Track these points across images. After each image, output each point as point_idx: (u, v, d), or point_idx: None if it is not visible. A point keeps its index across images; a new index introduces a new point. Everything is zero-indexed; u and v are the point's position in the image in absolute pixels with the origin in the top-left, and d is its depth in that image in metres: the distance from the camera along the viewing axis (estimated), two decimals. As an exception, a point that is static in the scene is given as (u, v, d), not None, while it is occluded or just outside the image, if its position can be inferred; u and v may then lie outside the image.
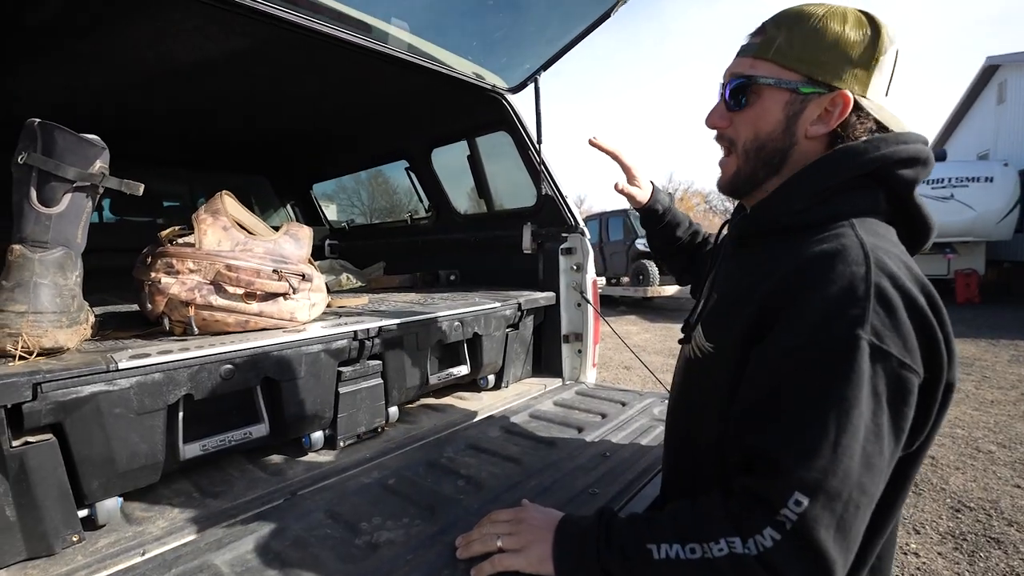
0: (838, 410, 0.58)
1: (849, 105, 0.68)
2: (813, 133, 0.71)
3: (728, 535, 0.60)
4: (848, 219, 0.68)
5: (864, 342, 0.58)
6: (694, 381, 0.81)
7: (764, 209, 0.76)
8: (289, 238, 1.31)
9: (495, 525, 0.84)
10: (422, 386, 1.64)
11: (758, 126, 0.73)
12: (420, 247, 2.90)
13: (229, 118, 2.49)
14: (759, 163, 0.75)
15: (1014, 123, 12.34)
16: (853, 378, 0.57)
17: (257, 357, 1.17)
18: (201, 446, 1.14)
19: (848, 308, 0.59)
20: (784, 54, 0.70)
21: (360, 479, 1.22)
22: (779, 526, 0.57)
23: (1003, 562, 2.42)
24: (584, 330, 2.07)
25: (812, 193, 0.70)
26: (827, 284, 0.61)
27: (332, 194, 3.98)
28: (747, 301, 0.69)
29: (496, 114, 2.14)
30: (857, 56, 0.68)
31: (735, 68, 0.75)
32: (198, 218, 1.20)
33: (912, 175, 0.69)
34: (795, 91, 0.70)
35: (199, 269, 1.15)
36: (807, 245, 0.67)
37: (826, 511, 0.56)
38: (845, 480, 0.57)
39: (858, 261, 0.61)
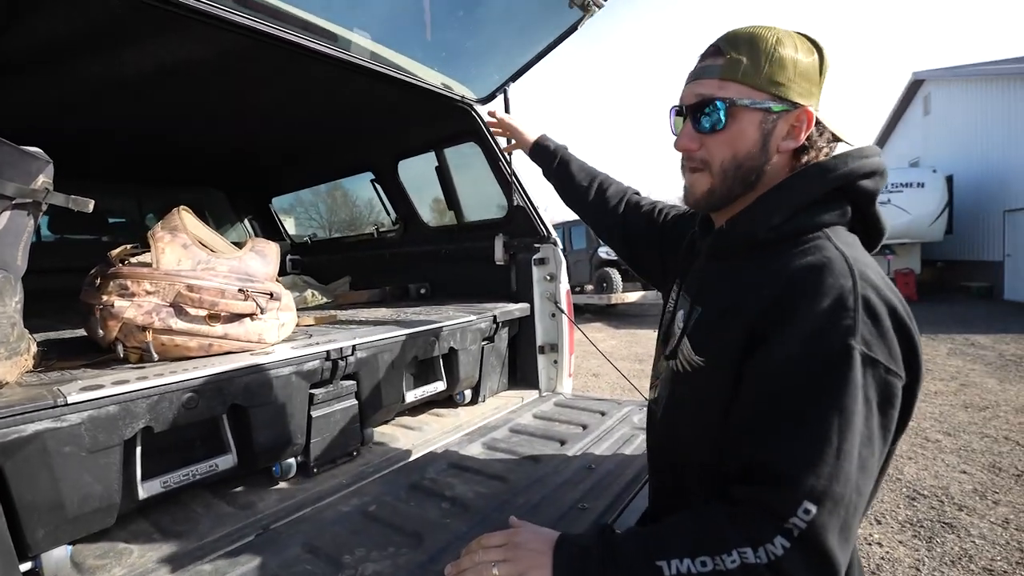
0: (839, 419, 0.59)
1: (812, 120, 0.73)
2: (783, 148, 0.75)
3: (739, 545, 0.60)
4: (821, 230, 0.72)
5: (856, 351, 0.60)
6: (684, 395, 0.81)
7: (741, 223, 0.77)
8: (255, 255, 1.24)
9: (487, 551, 0.78)
10: (398, 405, 1.58)
11: (736, 146, 0.75)
12: (388, 260, 2.83)
13: (182, 130, 2.37)
14: (736, 181, 0.77)
15: (939, 133, 13.36)
16: (849, 387, 0.60)
17: (223, 383, 1.09)
18: (162, 482, 1.05)
19: (839, 319, 0.61)
20: (752, 76, 0.72)
21: (338, 507, 1.15)
22: (788, 534, 0.58)
23: (957, 545, 2.55)
24: (559, 340, 2.06)
25: (789, 208, 0.73)
26: (818, 297, 0.63)
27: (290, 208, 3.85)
28: (737, 315, 0.71)
29: (465, 125, 2.12)
30: (811, 75, 0.73)
31: (701, 90, 0.76)
32: (155, 236, 1.12)
33: (874, 186, 0.74)
34: (768, 110, 0.73)
35: (157, 290, 1.07)
36: (790, 258, 0.70)
37: (833, 516, 0.58)
38: (847, 485, 0.59)
39: (844, 274, 0.64)
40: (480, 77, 1.95)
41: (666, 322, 0.94)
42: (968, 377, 5.26)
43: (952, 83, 12.82)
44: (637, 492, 1.19)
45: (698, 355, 0.77)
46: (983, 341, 6.80)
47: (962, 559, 2.45)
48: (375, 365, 1.45)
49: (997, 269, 10.89)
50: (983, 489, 3.06)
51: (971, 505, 2.90)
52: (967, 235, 11.82)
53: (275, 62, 1.68)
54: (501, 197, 2.19)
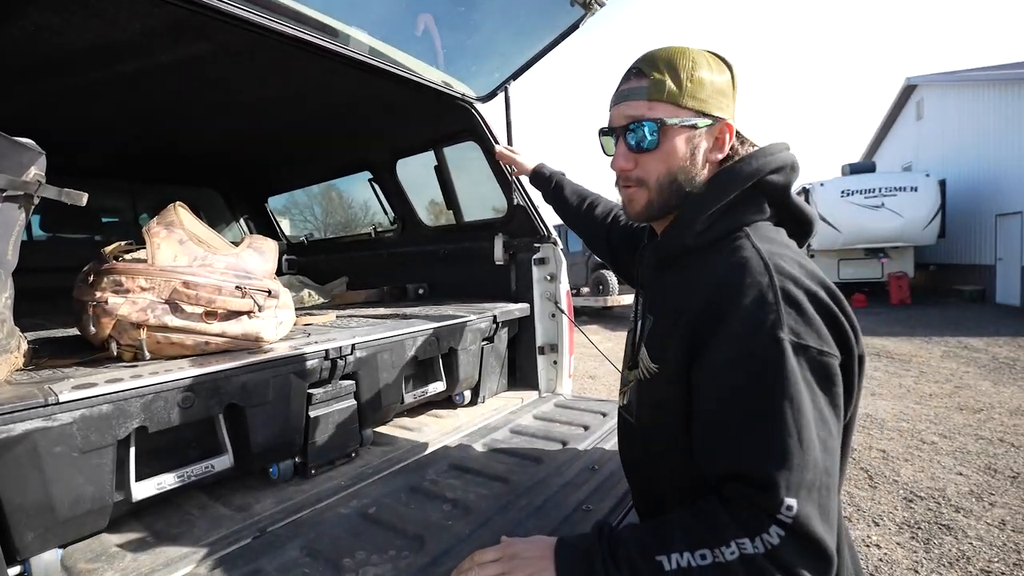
0: (790, 409, 0.62)
1: (733, 132, 0.79)
2: (711, 159, 0.81)
3: (738, 537, 0.62)
4: (742, 229, 0.76)
5: (786, 341, 0.64)
6: (649, 401, 0.83)
7: (670, 235, 0.82)
8: (253, 252, 1.22)
9: (484, 567, 0.75)
10: (397, 405, 1.56)
11: (669, 162, 0.79)
12: (385, 260, 2.81)
13: (177, 127, 2.33)
14: (671, 193, 0.81)
15: (932, 137, 13.49)
16: (790, 376, 0.63)
17: (219, 382, 1.07)
18: (156, 484, 1.02)
19: (764, 315, 0.65)
20: (676, 95, 0.77)
21: (337, 509, 1.13)
22: (781, 524, 0.61)
23: (955, 547, 2.55)
24: (559, 341, 2.04)
25: (708, 213, 0.77)
26: (741, 297, 0.67)
27: (286, 208, 3.81)
28: (678, 323, 0.74)
29: (465, 123, 2.10)
30: (726, 91, 0.79)
31: (631, 112, 0.80)
32: (150, 231, 1.09)
33: (783, 179, 0.78)
34: (694, 127, 0.78)
35: (152, 287, 1.04)
36: (715, 263, 0.74)
37: (810, 504, 0.61)
38: (816, 470, 0.62)
39: (760, 271, 0.68)
40: (480, 75, 1.93)
41: (631, 332, 0.98)
42: (962, 380, 5.29)
43: (945, 88, 12.94)
44: (641, 493, 1.17)
45: (654, 363, 0.81)
46: (976, 344, 6.84)
47: (960, 560, 2.45)
48: (374, 365, 1.42)
49: (989, 273, 10.99)
50: (979, 491, 3.07)
51: (968, 507, 2.91)
52: (960, 239, 11.92)
53: (273, 57, 1.65)
54: (500, 197, 2.18)
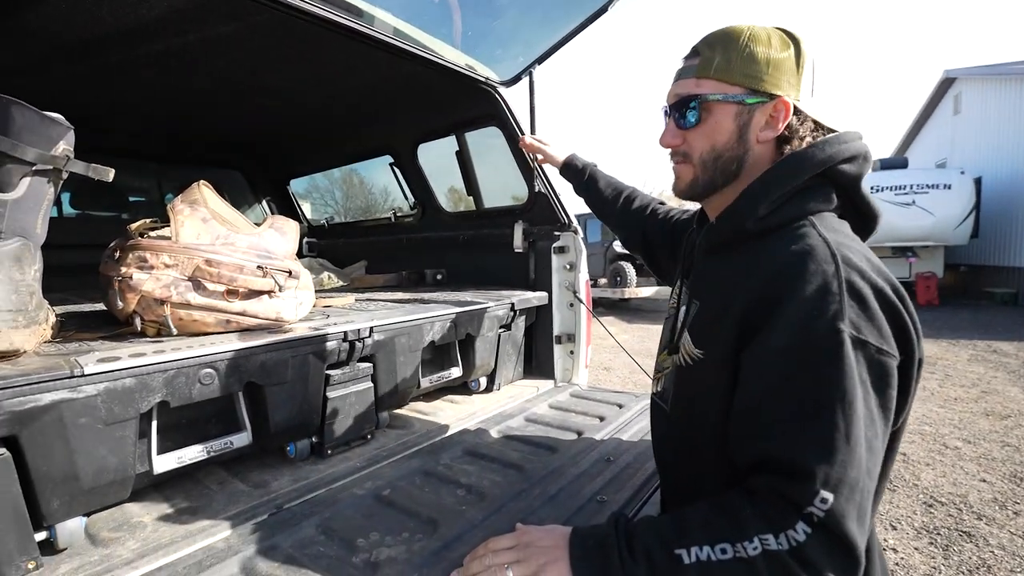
0: (841, 404, 0.60)
1: (790, 109, 0.75)
2: (763, 138, 0.77)
3: (761, 532, 0.60)
4: (807, 218, 0.73)
5: (846, 334, 0.61)
6: (689, 388, 0.82)
7: (729, 217, 0.79)
8: (274, 232, 1.22)
9: (498, 554, 0.75)
10: (413, 389, 1.56)
11: (713, 139, 0.78)
12: (404, 245, 2.81)
13: (203, 109, 2.35)
14: (717, 171, 0.80)
15: (969, 133, 12.96)
16: (845, 370, 0.61)
17: (240, 360, 1.07)
18: (177, 458, 1.04)
19: (826, 305, 0.63)
20: (725, 71, 0.76)
21: (352, 490, 1.14)
22: (809, 520, 0.59)
23: (975, 555, 2.49)
24: (576, 331, 2.02)
25: (773, 198, 0.74)
26: (803, 284, 0.64)
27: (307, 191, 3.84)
28: (730, 308, 0.72)
29: (488, 108, 2.08)
30: (787, 66, 0.75)
31: (679, 90, 0.80)
32: (174, 209, 1.10)
33: (855, 170, 0.75)
34: (742, 103, 0.76)
35: (176, 264, 1.05)
36: (776, 248, 0.71)
37: (849, 503, 0.59)
38: (859, 469, 0.60)
39: (827, 259, 0.66)
40: (504, 59, 1.90)
41: (671, 318, 0.96)
42: (990, 384, 5.13)
43: (985, 82, 12.39)
44: (658, 486, 1.15)
45: (697, 348, 0.79)
46: (1006, 348, 6.62)
47: (980, 569, 2.39)
48: (392, 348, 1.43)
49: (1022, 276, 10.59)
50: (1003, 499, 2.98)
51: (990, 515, 2.83)
52: (993, 240, 11.49)
53: (299, 38, 1.65)
54: (521, 183, 2.15)
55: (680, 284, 0.96)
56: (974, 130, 12.75)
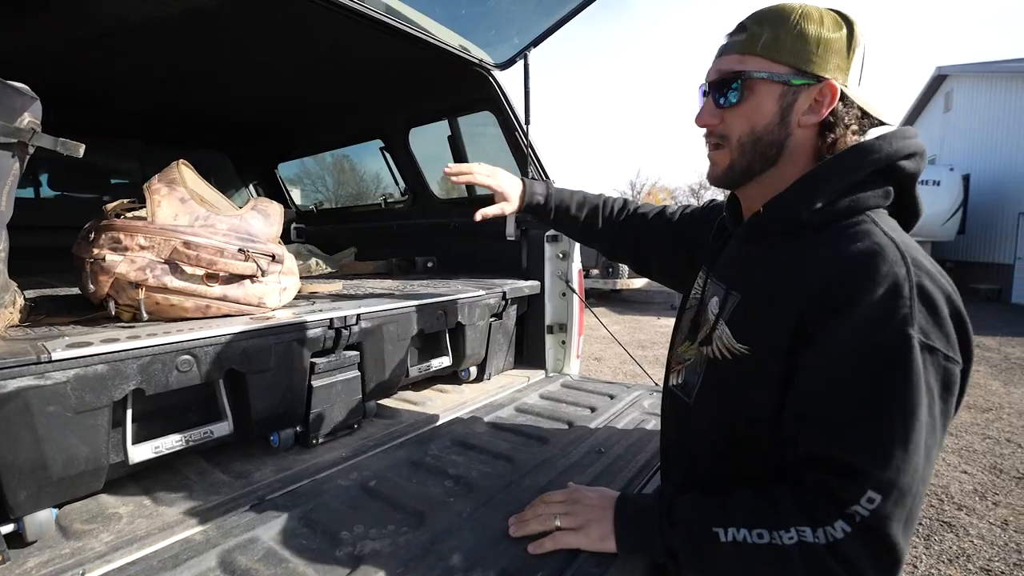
0: (903, 410, 0.59)
1: (837, 94, 0.71)
2: (805, 123, 0.73)
3: (799, 524, 0.61)
4: (864, 213, 0.70)
5: (915, 340, 0.59)
6: (725, 383, 0.79)
7: (781, 206, 0.74)
8: (257, 214, 1.17)
9: (549, 505, 0.85)
10: (402, 379, 1.53)
11: (753, 120, 0.74)
12: (395, 232, 2.76)
13: (188, 87, 2.27)
14: (755, 155, 0.75)
15: (959, 130, 13.06)
16: (912, 377, 0.59)
17: (219, 347, 1.03)
18: (153, 448, 1.00)
19: (896, 308, 0.61)
20: (772, 49, 0.71)
21: (337, 481, 1.11)
22: (850, 519, 0.59)
23: (955, 544, 2.53)
24: (568, 320, 2.00)
25: (833, 190, 0.70)
26: (872, 285, 0.62)
27: (295, 177, 3.76)
28: (783, 301, 0.69)
29: (481, 92, 2.03)
30: (837, 49, 0.71)
31: (723, 65, 0.75)
32: (151, 188, 1.05)
33: (915, 167, 0.72)
34: (787, 83, 0.71)
35: (151, 246, 1.00)
36: (838, 243, 0.68)
37: (898, 507, 0.59)
38: (914, 476, 0.59)
39: (897, 261, 0.63)
40: (499, 41, 1.85)
41: (692, 309, 0.92)
42: (972, 378, 5.19)
43: (977, 80, 12.46)
44: (649, 478, 1.14)
45: (741, 343, 0.75)
46: (989, 343, 6.73)
47: (960, 558, 2.43)
48: (379, 336, 1.39)
49: (1006, 272, 10.76)
50: (983, 490, 3.04)
51: (971, 505, 2.88)
52: (979, 236, 11.65)
53: (289, 15, 1.58)
54: (515, 170, 2.11)
55: (705, 273, 0.91)
56: (964, 127, 12.85)
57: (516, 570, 0.79)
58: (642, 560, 0.78)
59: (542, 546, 0.81)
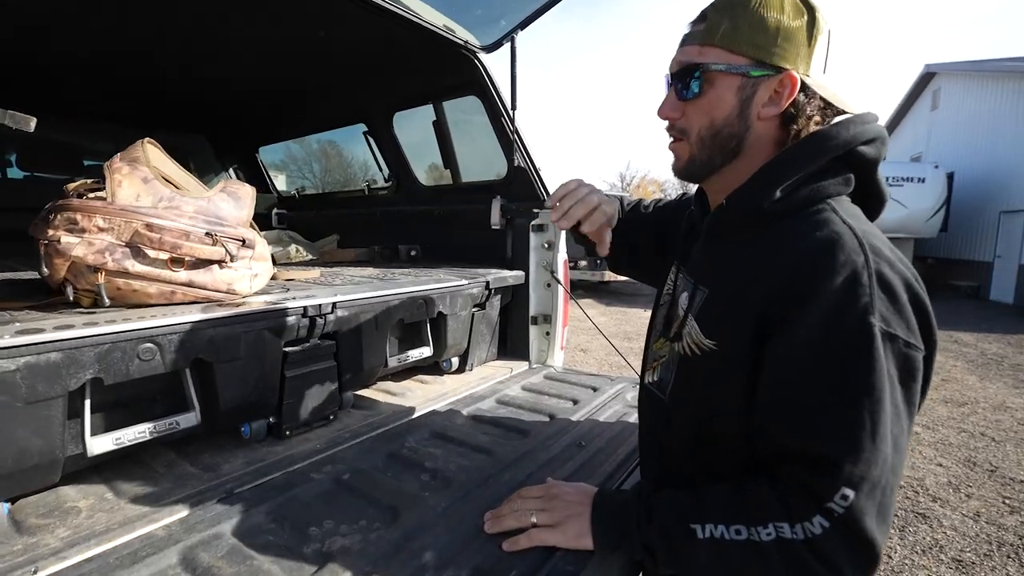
0: (869, 400, 0.59)
1: (797, 85, 0.69)
2: (766, 115, 0.71)
3: (777, 520, 0.61)
4: (825, 201, 0.69)
5: (876, 328, 0.59)
6: (695, 379, 0.77)
7: (742, 199, 0.74)
8: (227, 196, 1.12)
9: (526, 501, 0.84)
10: (380, 369, 1.49)
11: (712, 113, 0.72)
12: (378, 219, 2.70)
13: (165, 66, 2.18)
14: (715, 149, 0.74)
15: (945, 128, 13.21)
16: (875, 365, 0.59)
17: (186, 335, 0.99)
18: (114, 439, 0.96)
19: (856, 297, 0.60)
20: (730, 39, 0.69)
21: (310, 474, 1.07)
22: (828, 514, 0.59)
23: (929, 535, 2.58)
24: (553, 311, 1.97)
25: (793, 179, 0.69)
26: (832, 275, 0.61)
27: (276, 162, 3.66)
28: (746, 295, 0.69)
29: (467, 75, 1.97)
30: (798, 38, 0.69)
31: (682, 57, 0.74)
32: (111, 167, 0.99)
33: (875, 153, 0.71)
34: (746, 75, 0.70)
35: (111, 228, 0.95)
36: (797, 233, 0.67)
37: (870, 500, 0.59)
38: (884, 467, 0.59)
39: (855, 249, 0.62)
40: (485, 21, 1.79)
41: (665, 304, 0.91)
42: (950, 373, 5.31)
43: (965, 78, 12.58)
44: (630, 473, 1.12)
45: (709, 339, 0.74)
46: (967, 339, 6.87)
47: (932, 549, 2.48)
48: (357, 325, 1.35)
49: (986, 269, 10.97)
50: (957, 482, 3.10)
51: (945, 497, 2.94)
52: (961, 234, 11.84)
53: None
54: (501, 157, 2.06)
55: (676, 269, 0.90)
56: (950, 126, 12.99)
57: (490, 567, 0.77)
58: (619, 558, 0.77)
59: (517, 543, 0.80)
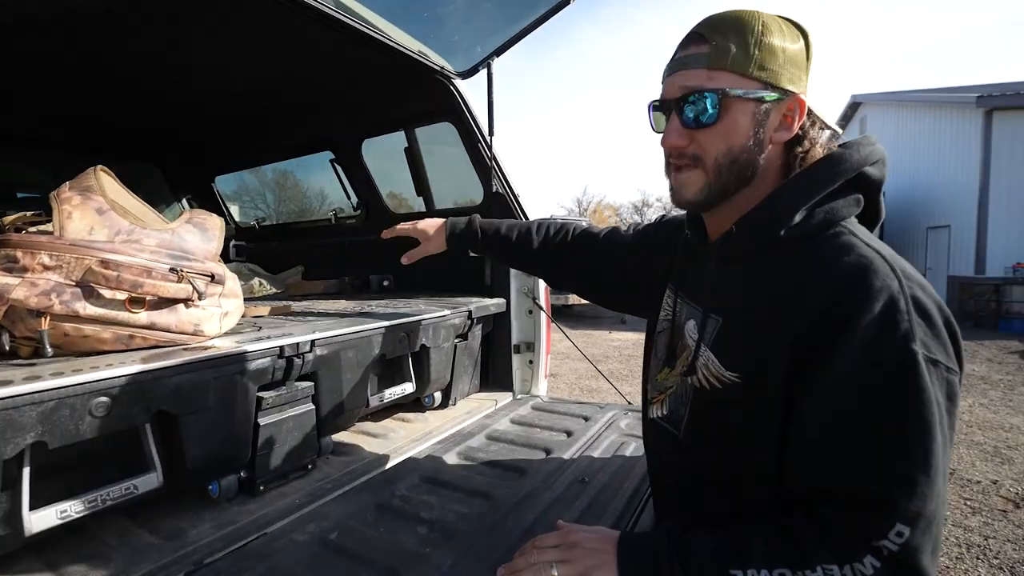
0: (920, 432, 0.56)
1: (805, 108, 0.70)
2: (778, 140, 0.71)
3: (825, 562, 0.57)
4: (839, 224, 0.68)
5: (920, 356, 0.57)
6: (716, 414, 0.73)
7: (756, 224, 0.72)
8: (193, 228, 1.02)
9: (543, 552, 0.74)
10: (361, 409, 1.38)
11: (730, 139, 0.70)
12: (346, 249, 2.59)
13: (111, 89, 2.04)
14: (731, 176, 0.72)
15: (873, 153, 14.26)
16: (923, 397, 0.57)
17: (146, 385, 0.87)
18: (58, 512, 0.82)
19: (896, 325, 0.58)
20: (742, 64, 0.68)
21: (291, 535, 0.96)
22: (878, 553, 0.56)
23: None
24: (536, 339, 1.92)
25: (806, 203, 0.68)
26: (869, 302, 0.60)
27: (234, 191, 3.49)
28: (776, 325, 0.65)
29: (441, 102, 1.93)
30: (799, 61, 0.70)
31: (687, 82, 0.70)
32: (60, 196, 0.88)
33: (879, 174, 0.72)
34: (760, 100, 0.69)
35: (59, 265, 0.83)
36: (823, 259, 0.66)
37: (926, 536, 0.56)
38: (937, 500, 0.57)
39: (889, 274, 0.61)
40: (461, 48, 1.77)
41: (665, 331, 0.87)
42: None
43: (886, 107, 13.73)
44: (640, 509, 1.06)
45: (730, 370, 0.70)
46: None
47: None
48: (337, 364, 1.25)
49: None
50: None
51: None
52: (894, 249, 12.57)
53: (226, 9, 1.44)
54: (476, 183, 2.02)
55: (674, 294, 0.87)
56: (877, 150, 14.04)
57: None
58: None
59: None
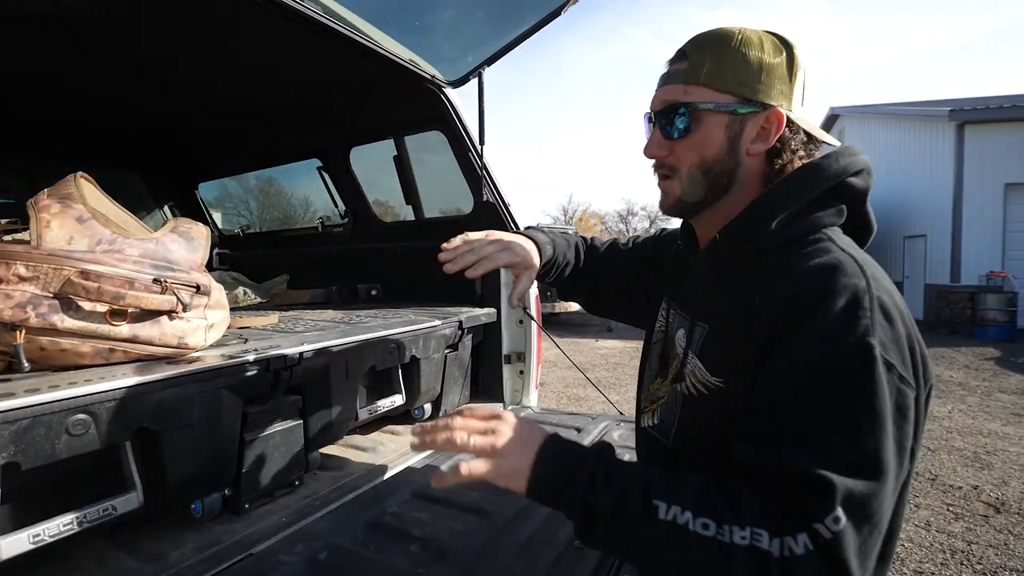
0: (871, 424, 0.56)
1: (783, 121, 0.71)
2: (754, 151, 0.73)
3: (756, 526, 0.56)
4: (820, 231, 0.69)
5: (877, 351, 0.57)
6: (702, 420, 0.73)
7: (736, 233, 0.73)
8: (178, 237, 0.99)
9: (467, 421, 0.70)
10: (350, 422, 1.35)
11: (703, 151, 0.73)
12: (333, 258, 2.56)
13: (92, 92, 1.99)
14: (707, 186, 0.75)
15: (851, 164, 14.64)
16: (877, 389, 0.56)
17: (127, 400, 0.84)
18: (31, 536, 0.78)
19: (857, 318, 0.59)
20: (716, 77, 0.71)
21: (279, 556, 0.92)
22: (814, 536, 0.54)
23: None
24: (527, 349, 1.91)
25: (786, 212, 0.70)
26: (833, 295, 0.60)
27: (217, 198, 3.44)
28: (749, 328, 0.66)
29: (431, 110, 1.93)
30: (780, 74, 0.71)
31: (667, 96, 0.74)
32: (37, 204, 0.85)
33: (863, 184, 0.72)
34: (733, 112, 0.71)
35: (36, 276, 0.80)
36: (798, 262, 0.67)
37: (860, 533, 0.55)
38: (883, 506, 0.55)
39: (856, 274, 0.62)
40: (451, 57, 1.77)
41: (659, 342, 0.88)
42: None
43: (863, 120, 14.13)
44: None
45: (716, 376, 0.70)
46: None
47: (895, 563, 2.54)
48: (326, 376, 1.22)
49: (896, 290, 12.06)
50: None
51: (896, 510, 3.06)
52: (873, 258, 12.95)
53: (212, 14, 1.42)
54: (465, 192, 2.02)
55: (667, 305, 0.88)
56: (855, 161, 14.42)
57: None
58: None
59: (444, 480, 0.68)
